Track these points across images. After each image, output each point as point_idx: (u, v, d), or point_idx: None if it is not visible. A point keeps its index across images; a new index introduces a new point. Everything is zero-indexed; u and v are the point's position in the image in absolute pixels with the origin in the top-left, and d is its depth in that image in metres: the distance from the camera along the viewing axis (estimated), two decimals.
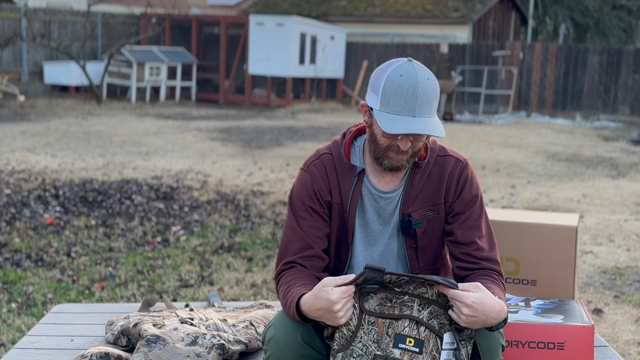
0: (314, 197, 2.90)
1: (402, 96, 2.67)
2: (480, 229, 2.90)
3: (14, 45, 22.40)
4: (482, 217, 2.93)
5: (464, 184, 2.91)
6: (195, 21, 25.71)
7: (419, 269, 2.96)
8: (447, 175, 2.90)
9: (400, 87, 2.67)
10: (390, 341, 2.60)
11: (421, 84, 2.68)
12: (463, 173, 2.92)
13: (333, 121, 19.49)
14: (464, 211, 2.90)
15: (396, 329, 2.61)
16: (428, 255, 2.96)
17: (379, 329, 2.61)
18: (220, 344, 3.08)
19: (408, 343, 2.60)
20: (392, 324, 2.61)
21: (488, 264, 2.86)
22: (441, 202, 2.91)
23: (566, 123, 20.55)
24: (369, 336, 2.61)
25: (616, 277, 6.64)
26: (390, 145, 2.76)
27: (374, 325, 2.61)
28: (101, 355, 3.02)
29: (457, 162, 2.93)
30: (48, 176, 10.54)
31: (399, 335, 2.60)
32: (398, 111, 2.68)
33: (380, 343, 2.60)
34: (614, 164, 13.40)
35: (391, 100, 2.68)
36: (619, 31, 33.03)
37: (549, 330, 3.16)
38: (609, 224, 8.63)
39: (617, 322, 5.49)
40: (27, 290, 5.90)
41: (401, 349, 2.60)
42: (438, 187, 2.91)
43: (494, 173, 11.98)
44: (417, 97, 2.67)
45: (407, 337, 2.60)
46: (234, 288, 6.08)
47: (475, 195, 2.92)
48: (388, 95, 2.69)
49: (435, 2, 26.52)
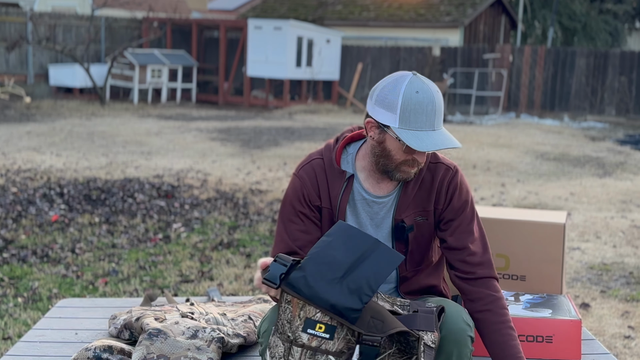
0: (304, 201, 2.90)
1: (423, 112, 2.66)
2: (473, 234, 2.90)
3: (20, 48, 22.37)
4: (474, 221, 2.92)
5: (453, 191, 2.90)
6: (196, 25, 25.69)
7: (406, 271, 2.96)
8: (437, 183, 2.89)
9: (419, 103, 2.65)
10: (300, 324, 2.43)
11: (437, 98, 2.68)
12: (452, 181, 2.91)
13: (329, 122, 19.48)
14: (455, 218, 2.90)
15: (307, 313, 2.43)
16: (416, 259, 2.96)
17: (292, 309, 2.46)
18: (219, 337, 3.08)
19: (318, 329, 2.41)
20: (304, 307, 2.44)
21: (482, 270, 2.86)
22: (431, 209, 2.90)
23: (554, 124, 20.55)
24: (285, 315, 2.48)
25: (603, 272, 6.64)
26: (406, 160, 2.75)
27: (289, 304, 2.47)
28: (105, 349, 3.02)
29: (447, 170, 2.92)
30: (53, 175, 10.53)
31: (309, 320, 2.43)
32: (421, 127, 2.66)
33: (292, 324, 2.45)
34: (601, 163, 13.41)
35: (412, 118, 2.66)
36: (606, 35, 33.01)
37: (537, 324, 3.16)
38: (596, 221, 8.64)
39: (603, 316, 5.50)
40: (32, 286, 5.89)
41: (310, 334, 2.42)
42: (429, 194, 2.90)
43: (485, 172, 11.99)
44: (436, 111, 2.67)
45: (318, 323, 2.42)
46: (233, 283, 6.08)
47: (465, 201, 2.91)
48: (408, 112, 2.66)
49: (428, 7, 26.52)
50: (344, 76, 25.18)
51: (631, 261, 7.03)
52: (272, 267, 2.48)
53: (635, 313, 5.58)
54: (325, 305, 2.39)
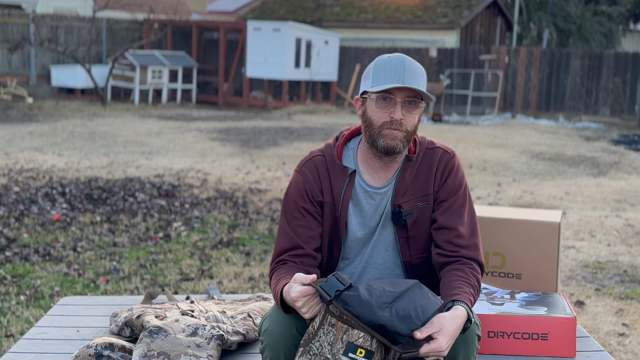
0: (307, 197, 2.90)
1: (391, 69, 2.74)
2: (462, 217, 2.89)
3: (23, 49, 22.37)
4: (466, 206, 2.91)
5: (449, 172, 2.91)
6: (196, 26, 25.68)
7: (410, 257, 2.94)
8: (435, 166, 2.91)
9: (388, 62, 2.76)
10: (342, 348, 2.50)
11: (408, 60, 2.77)
12: (449, 162, 2.92)
13: (327, 122, 19.48)
14: (448, 198, 2.90)
15: (350, 337, 2.50)
16: (419, 244, 2.94)
17: (336, 333, 2.51)
18: (219, 334, 3.08)
19: (358, 353, 2.49)
20: (348, 331, 2.50)
21: (467, 252, 2.84)
22: (430, 193, 2.90)
23: (549, 124, 20.56)
24: (326, 337, 2.52)
25: (597, 271, 6.65)
26: (385, 122, 2.76)
27: (333, 327, 2.51)
28: (106, 346, 3.02)
29: (444, 153, 2.94)
30: (55, 174, 10.52)
31: (351, 344, 2.49)
32: (389, 81, 2.73)
33: (333, 347, 2.51)
34: (595, 163, 13.41)
35: (381, 74, 2.75)
36: (600, 36, 33.01)
37: (533, 321, 3.16)
38: (591, 220, 8.64)
39: (598, 314, 5.50)
40: (35, 284, 5.89)
41: (350, 358, 2.49)
42: (427, 178, 2.91)
43: (481, 172, 11.99)
44: (405, 68, 2.74)
45: (359, 348, 2.49)
46: (233, 281, 6.08)
47: (459, 184, 2.91)
48: (378, 72, 2.76)
49: (425, 9, 26.53)
50: (342, 77, 25.18)
51: (625, 259, 7.03)
52: (331, 281, 2.50)
53: (629, 311, 5.58)
54: (374, 326, 2.45)
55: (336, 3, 28.44)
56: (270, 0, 30.55)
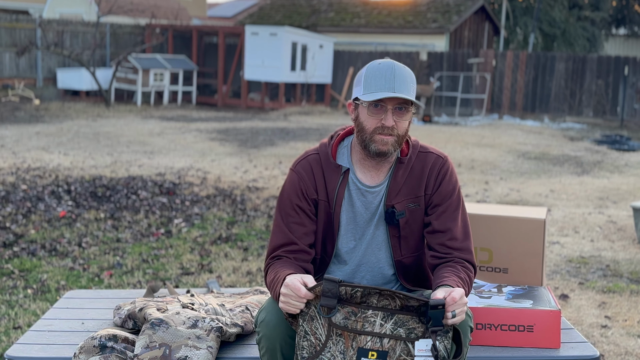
0: (301, 195, 2.90)
1: (381, 77, 2.74)
2: (456, 220, 2.89)
3: (30, 53, 22.33)
4: (459, 209, 2.91)
5: (443, 177, 2.90)
6: (196, 31, 25.66)
7: (402, 256, 2.95)
8: (428, 170, 2.90)
9: (379, 70, 2.76)
10: (354, 354, 2.51)
11: (398, 67, 2.76)
12: (443, 168, 2.92)
13: (322, 123, 19.47)
14: (442, 203, 2.89)
15: (359, 343, 2.51)
16: (410, 244, 2.95)
17: (345, 341, 2.52)
18: (218, 327, 3.08)
19: (370, 356, 2.50)
20: (355, 338, 2.51)
21: (460, 254, 2.85)
22: (422, 195, 2.90)
23: (535, 124, 20.57)
24: (337, 347, 2.53)
25: (581, 265, 6.65)
26: (376, 127, 2.76)
27: (341, 337, 2.52)
28: (110, 337, 3.02)
29: (437, 158, 2.93)
30: (61, 173, 10.51)
31: (362, 349, 2.51)
32: (380, 89, 2.73)
33: (345, 355, 2.52)
34: (579, 162, 13.43)
35: (372, 82, 2.74)
36: (584, 40, 33.04)
37: (519, 314, 3.16)
38: (575, 217, 8.65)
39: (581, 307, 5.51)
40: (41, 278, 5.88)
41: None
42: (419, 180, 2.90)
43: (469, 170, 11.99)
44: (395, 76, 2.73)
45: (370, 351, 2.50)
46: (231, 275, 6.08)
47: (453, 188, 2.91)
48: (369, 79, 2.76)
49: (415, 14, 26.54)
50: (336, 79, 25.19)
51: (608, 254, 7.04)
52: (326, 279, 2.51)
53: (611, 304, 5.59)
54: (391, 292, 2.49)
55: (330, 9, 28.44)
56: (268, 5, 30.56)
